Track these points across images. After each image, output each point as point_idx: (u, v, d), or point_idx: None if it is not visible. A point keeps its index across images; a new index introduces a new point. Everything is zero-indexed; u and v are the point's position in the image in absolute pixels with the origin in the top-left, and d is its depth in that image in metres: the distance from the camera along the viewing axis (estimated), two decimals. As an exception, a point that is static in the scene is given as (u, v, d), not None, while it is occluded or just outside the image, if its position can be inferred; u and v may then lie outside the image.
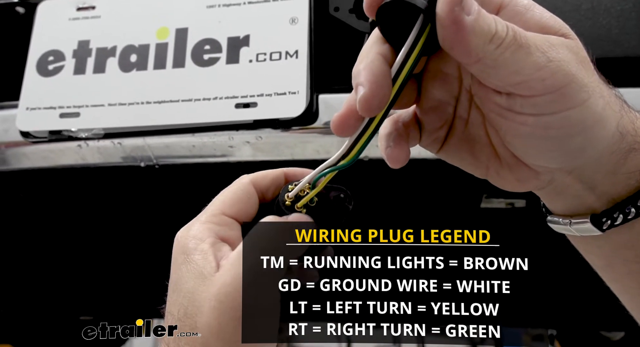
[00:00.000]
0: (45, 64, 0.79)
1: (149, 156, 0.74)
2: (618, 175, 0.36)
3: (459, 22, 0.31)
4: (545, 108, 0.32)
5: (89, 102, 0.76)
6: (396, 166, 0.37)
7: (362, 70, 0.34)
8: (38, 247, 0.97)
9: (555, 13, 0.34)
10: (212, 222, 0.40)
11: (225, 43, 0.73)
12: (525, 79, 0.32)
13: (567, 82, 0.32)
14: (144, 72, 0.75)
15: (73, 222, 0.92)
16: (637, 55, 0.65)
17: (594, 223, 0.37)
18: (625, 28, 0.66)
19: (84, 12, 0.79)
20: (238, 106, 0.71)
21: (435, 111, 0.38)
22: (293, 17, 0.72)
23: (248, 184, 0.42)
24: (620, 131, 0.35)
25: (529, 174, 0.36)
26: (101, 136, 0.75)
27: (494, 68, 0.32)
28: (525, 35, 0.32)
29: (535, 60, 0.31)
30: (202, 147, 0.72)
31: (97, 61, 0.77)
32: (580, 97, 0.32)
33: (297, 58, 0.71)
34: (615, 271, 0.40)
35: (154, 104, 0.73)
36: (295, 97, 0.70)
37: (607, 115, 0.34)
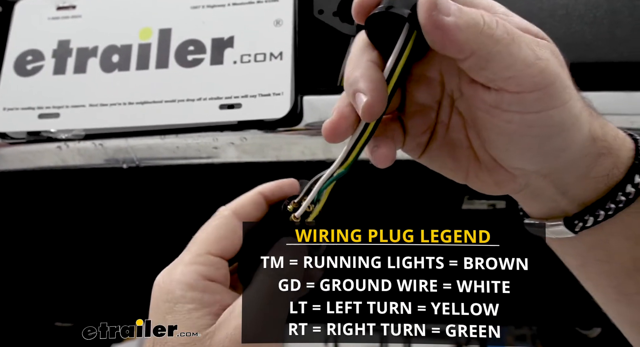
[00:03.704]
0: (23, 63, 0.76)
1: (132, 158, 0.72)
2: (588, 179, 0.36)
3: (440, 25, 0.31)
4: (530, 106, 0.33)
5: (69, 102, 0.74)
6: (383, 166, 0.37)
7: (360, 78, 0.34)
8: (16, 250, 0.94)
9: (532, 18, 0.34)
10: (198, 263, 0.38)
11: (209, 44, 0.72)
12: (515, 74, 0.32)
13: (552, 81, 0.32)
14: (126, 73, 0.73)
15: (53, 225, 0.90)
16: (608, 61, 0.67)
17: (567, 226, 0.38)
18: (598, 34, 0.67)
19: (64, 11, 0.77)
20: (222, 107, 0.70)
21: (419, 116, 0.39)
22: (277, 19, 0.72)
23: (230, 217, 0.40)
24: (592, 135, 0.35)
25: (506, 177, 0.37)
26: (82, 137, 0.73)
27: (488, 61, 0.32)
28: (517, 30, 0.32)
29: (526, 56, 0.32)
30: (186, 148, 0.70)
31: (77, 61, 0.75)
32: (563, 98, 0.33)
33: (281, 59, 0.70)
34: (588, 271, 0.41)
35: (136, 105, 0.72)
36: (279, 99, 0.69)
37: (582, 119, 0.34)
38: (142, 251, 0.89)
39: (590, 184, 0.36)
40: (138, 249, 0.91)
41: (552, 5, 0.66)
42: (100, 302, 1.01)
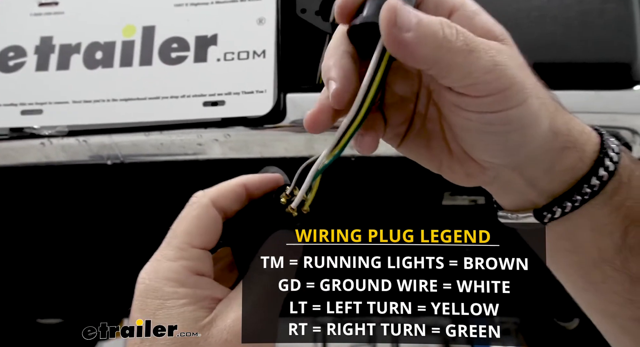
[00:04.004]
0: (5, 59, 0.72)
1: (116, 154, 0.69)
2: (554, 172, 0.36)
3: (400, 41, 0.31)
4: (487, 107, 0.33)
5: (52, 99, 0.70)
6: (367, 153, 0.36)
7: (333, 66, 0.34)
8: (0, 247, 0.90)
9: (509, 19, 0.33)
10: (185, 258, 0.35)
11: (193, 42, 0.69)
12: (474, 81, 0.32)
13: (509, 85, 0.32)
14: (109, 70, 0.69)
15: (37, 222, 0.86)
16: (579, 61, 0.66)
17: (537, 217, 0.37)
18: (570, 35, 0.66)
19: (47, 7, 0.73)
20: (206, 104, 0.67)
21: (398, 107, 0.38)
22: (260, 17, 0.69)
23: (209, 206, 0.36)
24: (554, 131, 0.35)
25: (476, 169, 0.37)
26: (65, 134, 0.69)
27: (448, 72, 0.32)
28: (475, 39, 0.32)
29: (484, 64, 0.32)
30: (170, 145, 0.67)
31: (60, 58, 0.71)
32: (519, 98, 0.33)
33: (264, 58, 0.67)
34: (559, 262, 0.40)
35: (120, 102, 0.68)
36: (262, 96, 0.66)
37: (541, 115, 0.34)
38: (128, 247, 0.85)
39: (557, 177, 0.36)
40: (123, 245, 0.87)
41: (528, 6, 0.65)
42: (85, 298, 0.97)
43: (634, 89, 0.64)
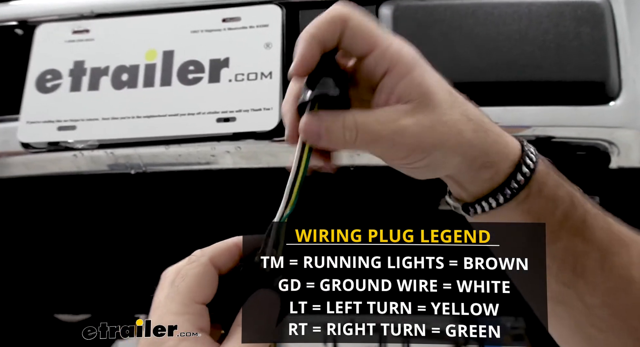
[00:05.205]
0: (43, 81, 0.68)
1: (139, 164, 0.65)
2: (477, 182, 0.37)
3: (317, 140, 0.33)
4: (398, 164, 0.35)
5: (84, 116, 0.66)
6: (335, 171, 0.36)
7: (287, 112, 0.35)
8: (35, 248, 0.85)
9: (491, 42, 0.30)
10: (189, 313, 0.31)
11: (207, 64, 0.65)
12: (379, 155, 0.34)
13: (414, 148, 0.33)
14: (134, 90, 0.65)
15: (67, 226, 0.82)
16: (559, 80, 0.61)
17: (464, 210, 0.39)
18: (549, 56, 0.62)
19: (79, 35, 0.69)
20: (219, 120, 0.63)
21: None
22: (268, 42, 0.65)
23: (208, 264, 0.33)
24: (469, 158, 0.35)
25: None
26: (95, 147, 0.65)
27: (357, 152, 0.34)
28: (372, 130, 0.33)
29: (384, 146, 0.33)
30: (187, 156, 0.64)
31: (91, 79, 0.67)
32: (430, 150, 0.34)
33: (271, 78, 0.64)
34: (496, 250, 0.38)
35: (143, 118, 0.65)
36: (269, 113, 0.63)
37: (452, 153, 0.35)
38: (148, 249, 0.81)
39: (479, 184, 0.37)
40: (145, 247, 0.83)
41: (509, 30, 0.60)
42: (106, 296, 0.91)
43: (609, 104, 0.59)
